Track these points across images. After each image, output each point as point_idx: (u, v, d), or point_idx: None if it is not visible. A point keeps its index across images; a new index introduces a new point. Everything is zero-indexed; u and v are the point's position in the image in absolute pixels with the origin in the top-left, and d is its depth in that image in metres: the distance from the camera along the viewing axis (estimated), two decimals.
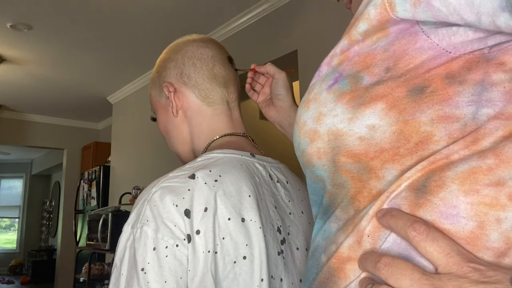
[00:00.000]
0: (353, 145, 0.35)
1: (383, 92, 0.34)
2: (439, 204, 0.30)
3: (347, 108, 0.35)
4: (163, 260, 0.50)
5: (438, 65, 0.32)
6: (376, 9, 0.35)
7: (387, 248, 0.32)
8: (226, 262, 0.52)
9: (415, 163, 0.32)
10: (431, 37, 0.33)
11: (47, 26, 2.98)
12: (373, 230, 0.33)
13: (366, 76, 0.35)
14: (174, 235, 0.51)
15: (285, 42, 2.56)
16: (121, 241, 0.54)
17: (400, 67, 0.34)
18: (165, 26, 2.98)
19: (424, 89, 0.32)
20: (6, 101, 4.82)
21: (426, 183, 0.31)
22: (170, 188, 0.54)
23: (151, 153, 3.93)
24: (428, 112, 0.32)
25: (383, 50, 0.35)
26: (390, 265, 0.30)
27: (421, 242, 0.30)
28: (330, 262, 0.36)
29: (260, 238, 0.55)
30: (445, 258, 0.29)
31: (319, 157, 0.38)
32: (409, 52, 0.34)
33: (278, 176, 0.68)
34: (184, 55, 0.72)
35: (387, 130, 0.33)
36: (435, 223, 0.30)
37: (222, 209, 0.54)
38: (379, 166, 0.34)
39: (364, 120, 0.34)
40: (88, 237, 3.82)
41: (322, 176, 0.39)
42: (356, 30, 0.37)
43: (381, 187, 0.34)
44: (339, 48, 0.39)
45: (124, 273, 0.51)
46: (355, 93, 0.35)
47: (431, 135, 0.32)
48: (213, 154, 0.62)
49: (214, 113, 0.71)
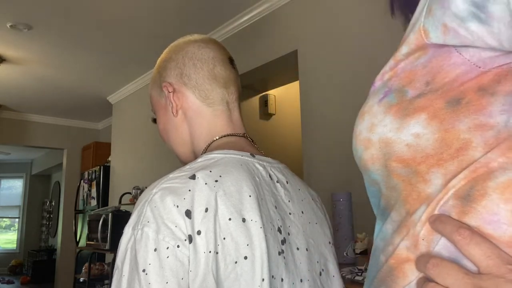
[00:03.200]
0: (401, 151, 0.39)
1: (424, 104, 0.38)
2: (482, 211, 0.34)
3: (394, 119, 0.40)
4: (164, 261, 0.51)
5: (470, 79, 0.37)
6: (415, 35, 0.40)
7: (438, 251, 0.37)
8: (227, 262, 0.52)
9: (457, 167, 0.36)
10: (462, 54, 0.37)
11: (47, 26, 2.98)
12: (427, 234, 0.37)
13: (410, 90, 0.40)
14: (175, 235, 0.51)
15: (285, 42, 2.56)
16: (122, 243, 0.54)
17: (437, 81, 0.38)
18: (165, 26, 2.98)
19: (460, 100, 0.36)
20: (6, 101, 4.82)
21: (470, 192, 0.35)
22: (170, 189, 0.54)
23: (151, 153, 3.93)
24: (465, 121, 0.36)
25: (422, 67, 0.40)
26: (438, 266, 0.35)
27: (465, 245, 0.34)
28: (389, 262, 0.40)
29: (261, 238, 0.55)
30: (486, 260, 0.33)
31: (373, 163, 0.42)
32: (445, 67, 0.38)
33: (278, 176, 0.68)
34: (184, 55, 0.72)
35: (430, 138, 0.37)
36: (479, 228, 0.34)
37: (222, 209, 0.54)
38: (425, 170, 0.38)
39: (410, 129, 0.38)
40: (88, 237, 3.82)
41: (377, 180, 0.43)
42: (399, 52, 0.42)
43: (428, 190, 0.38)
44: (388, 66, 0.44)
45: (126, 274, 0.52)
46: (401, 105, 0.40)
47: (469, 141, 0.36)
48: (213, 155, 0.62)
49: (214, 114, 0.71)
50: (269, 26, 2.70)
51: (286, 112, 3.62)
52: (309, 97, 2.36)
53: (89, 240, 3.80)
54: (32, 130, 5.45)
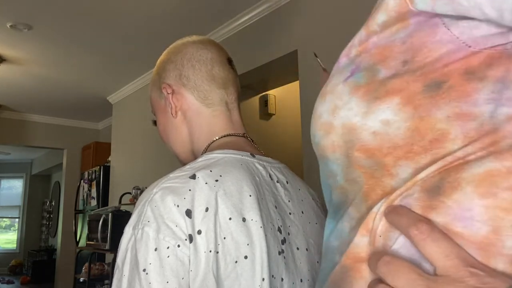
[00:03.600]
0: (366, 139, 0.34)
1: (399, 86, 0.32)
2: (453, 206, 0.29)
3: (361, 102, 0.34)
4: (165, 261, 0.51)
5: (457, 60, 0.31)
6: (395, 0, 0.34)
7: (396, 249, 0.31)
8: (227, 262, 0.52)
9: (429, 161, 0.31)
10: (451, 29, 0.31)
11: (47, 26, 2.97)
12: (384, 230, 0.32)
13: (382, 69, 0.34)
14: (176, 235, 0.52)
15: (285, 42, 2.56)
16: (123, 242, 0.54)
17: (417, 61, 0.32)
18: (165, 25, 2.98)
19: (442, 84, 0.31)
20: (6, 101, 4.82)
21: (440, 184, 0.30)
22: (171, 188, 0.55)
23: (151, 153, 3.93)
24: (444, 109, 0.30)
25: (401, 42, 0.34)
26: (388, 264, 0.30)
27: (421, 241, 0.29)
28: (345, 262, 0.35)
29: (261, 237, 0.55)
30: (444, 260, 0.28)
31: (333, 151, 0.37)
32: (428, 45, 0.32)
33: (278, 176, 0.68)
34: (183, 56, 0.72)
35: (401, 126, 0.32)
36: (447, 225, 0.29)
37: (223, 209, 0.54)
38: (392, 163, 0.33)
39: (379, 115, 0.33)
40: (88, 237, 3.82)
41: (335, 170, 0.38)
42: (374, 21, 0.36)
43: (395, 184, 0.33)
44: (357, 39, 0.38)
45: (126, 274, 0.52)
46: (370, 86, 0.34)
47: (446, 133, 0.30)
48: (214, 155, 0.62)
49: (213, 114, 0.71)
50: (269, 26, 2.70)
51: (286, 112, 3.62)
52: (309, 97, 2.36)
53: (89, 240, 3.80)
54: (32, 130, 5.44)
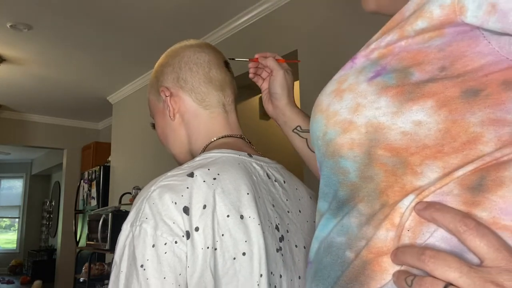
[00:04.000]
0: (394, 139, 0.35)
1: (436, 90, 0.34)
2: (499, 201, 0.31)
3: (392, 102, 0.35)
4: (162, 257, 0.51)
5: (496, 71, 0.33)
6: (443, 10, 0.35)
7: (433, 243, 0.33)
8: (225, 259, 0.53)
9: (460, 161, 0.33)
10: (492, 43, 0.33)
11: (47, 26, 2.98)
12: (414, 225, 0.34)
13: (416, 72, 0.36)
14: (173, 232, 0.52)
15: (285, 42, 2.57)
16: (121, 239, 0.55)
17: (456, 68, 0.34)
18: (165, 26, 2.99)
19: (479, 92, 0.33)
20: (6, 101, 4.82)
21: (482, 182, 0.32)
22: (169, 186, 0.55)
23: (151, 153, 3.93)
24: (479, 114, 0.33)
25: (438, 49, 0.35)
26: (436, 258, 0.31)
27: (471, 236, 0.31)
28: (362, 257, 0.36)
29: (259, 235, 0.55)
30: (495, 252, 0.30)
31: (351, 148, 0.38)
32: (468, 54, 0.34)
33: (276, 175, 0.69)
34: (181, 60, 0.74)
35: (433, 128, 0.34)
36: (495, 219, 0.31)
37: (221, 206, 0.55)
38: (418, 162, 0.34)
39: (411, 116, 0.34)
40: (88, 237, 3.82)
41: (347, 167, 0.39)
42: (411, 27, 0.37)
43: (417, 183, 0.34)
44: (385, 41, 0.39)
45: (124, 270, 0.52)
46: (402, 88, 0.35)
47: (480, 136, 0.33)
48: (211, 154, 0.63)
49: (211, 116, 0.72)
50: (269, 26, 2.70)
51: None
52: (309, 97, 2.36)
53: (89, 240, 3.80)
54: (32, 130, 5.45)
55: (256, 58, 0.83)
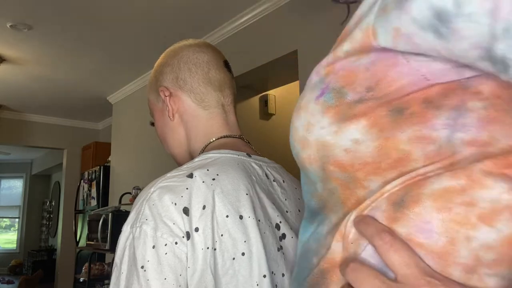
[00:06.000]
0: (339, 156, 0.36)
1: (365, 110, 0.35)
2: (415, 218, 0.32)
3: (333, 122, 0.37)
4: (163, 258, 0.51)
5: (416, 90, 0.34)
6: (362, 33, 0.36)
7: (364, 257, 0.34)
8: (225, 259, 0.53)
9: (396, 176, 0.34)
10: (410, 62, 0.34)
11: (47, 26, 2.98)
12: (355, 238, 0.35)
13: (349, 92, 0.37)
14: (173, 232, 0.52)
15: (285, 42, 2.57)
16: (121, 241, 0.55)
17: (381, 88, 0.35)
18: (165, 26, 2.99)
19: (404, 110, 0.34)
20: (6, 101, 4.83)
21: (404, 197, 0.33)
22: (168, 187, 0.55)
23: (151, 153, 3.93)
24: (407, 132, 0.33)
25: (364, 69, 0.36)
26: (356, 271, 0.33)
27: (384, 250, 0.32)
28: (321, 265, 0.38)
29: (258, 235, 0.56)
30: (404, 268, 0.31)
31: (310, 163, 0.39)
32: (390, 74, 0.35)
33: (275, 175, 0.69)
34: (180, 60, 0.73)
35: (370, 145, 0.35)
36: (410, 236, 0.32)
37: (220, 207, 0.55)
38: (363, 177, 0.35)
39: (349, 135, 0.35)
40: (88, 237, 3.82)
41: (314, 180, 0.40)
42: (341, 48, 0.39)
43: (366, 195, 0.35)
44: (326, 61, 0.40)
45: (124, 271, 0.52)
46: (339, 108, 0.37)
47: (409, 153, 0.33)
48: (210, 154, 0.63)
49: (210, 116, 0.72)
50: (269, 26, 2.70)
51: (286, 112, 3.62)
52: None
53: (89, 240, 3.80)
54: (32, 130, 5.45)
55: None
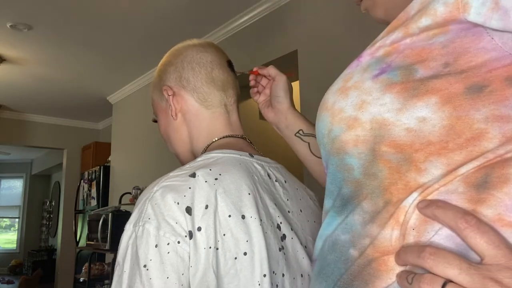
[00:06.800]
0: (398, 135, 0.35)
1: (440, 86, 0.34)
2: (504, 198, 0.31)
3: (397, 98, 0.35)
4: (165, 257, 0.51)
5: (500, 67, 0.33)
6: (447, 8, 0.35)
7: (437, 242, 0.33)
8: (227, 258, 0.53)
9: (463, 158, 0.33)
10: (495, 38, 0.33)
11: (47, 26, 2.98)
12: (418, 224, 0.34)
13: (420, 69, 0.36)
14: (176, 232, 0.52)
15: (285, 42, 2.57)
16: (123, 240, 0.55)
17: (460, 64, 0.34)
18: (166, 26, 2.99)
19: (483, 88, 0.33)
20: (6, 101, 4.82)
21: (487, 179, 0.32)
22: (171, 186, 0.55)
23: (151, 153, 3.93)
24: (483, 111, 0.33)
25: (441, 46, 0.35)
26: (436, 255, 0.31)
27: (472, 233, 0.31)
28: (367, 255, 0.36)
29: (260, 234, 0.56)
30: (494, 250, 0.30)
31: (355, 145, 0.38)
32: (471, 50, 0.34)
33: (277, 175, 0.69)
34: (183, 59, 0.74)
35: (437, 124, 0.34)
36: (500, 216, 0.31)
37: (222, 206, 0.55)
38: (422, 159, 0.34)
39: (415, 112, 0.34)
40: (88, 237, 3.82)
41: (352, 164, 0.39)
42: (416, 24, 0.37)
43: (421, 180, 0.34)
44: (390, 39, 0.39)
45: (127, 270, 0.52)
46: (407, 85, 0.36)
47: (485, 132, 0.33)
48: (213, 154, 0.63)
49: (213, 116, 0.73)
50: (269, 26, 2.70)
51: None
52: (309, 97, 2.37)
53: (89, 240, 3.80)
54: (32, 130, 5.45)
55: (255, 71, 0.85)
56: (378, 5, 0.53)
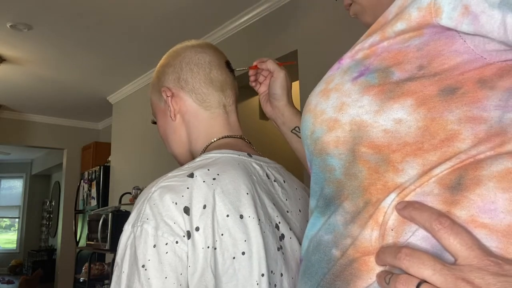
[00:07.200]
0: (376, 136, 0.36)
1: (415, 88, 0.35)
2: (477, 200, 0.32)
3: (374, 101, 0.36)
4: (163, 257, 0.51)
5: (472, 69, 0.34)
6: (420, 12, 0.36)
7: (414, 243, 0.34)
8: (225, 258, 0.53)
9: (438, 158, 0.34)
10: (467, 41, 0.34)
11: (47, 26, 2.98)
12: (397, 224, 0.34)
13: (396, 72, 0.37)
14: (174, 232, 0.52)
15: (285, 42, 2.57)
16: (122, 240, 0.55)
17: (434, 67, 0.35)
18: (165, 26, 2.99)
19: (456, 90, 0.34)
20: (6, 101, 4.83)
21: (461, 181, 0.33)
22: (169, 187, 0.56)
23: (151, 153, 3.93)
24: (456, 112, 0.34)
25: (416, 49, 0.36)
26: (411, 256, 0.32)
27: (446, 234, 0.31)
28: (348, 255, 0.37)
29: (258, 234, 0.56)
30: (467, 251, 0.31)
31: (336, 146, 0.39)
32: (445, 53, 0.35)
33: (275, 175, 0.69)
34: (182, 60, 0.74)
35: (413, 125, 0.35)
36: (473, 217, 0.32)
37: (220, 206, 0.55)
38: (399, 159, 0.35)
39: (392, 114, 0.35)
40: (88, 237, 3.82)
41: (333, 165, 0.40)
42: (392, 29, 0.38)
43: (399, 180, 0.35)
44: (369, 43, 0.40)
45: (125, 270, 0.52)
46: (384, 87, 0.36)
47: (457, 133, 0.33)
48: (211, 154, 0.63)
49: (211, 117, 0.73)
50: (269, 26, 2.70)
51: None
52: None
53: (89, 240, 3.80)
54: (32, 130, 5.45)
55: (255, 65, 0.85)
56: (366, 10, 0.54)
